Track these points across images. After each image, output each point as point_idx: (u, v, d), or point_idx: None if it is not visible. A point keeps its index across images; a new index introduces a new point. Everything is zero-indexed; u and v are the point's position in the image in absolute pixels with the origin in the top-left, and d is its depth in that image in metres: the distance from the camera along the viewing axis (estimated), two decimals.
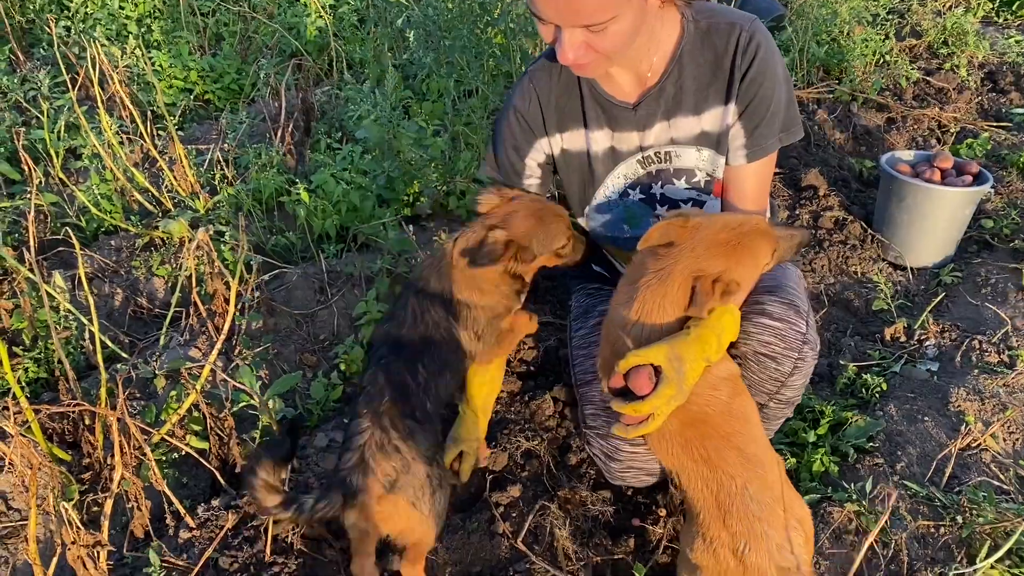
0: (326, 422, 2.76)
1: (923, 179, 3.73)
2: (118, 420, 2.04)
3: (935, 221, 3.71)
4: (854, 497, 2.41)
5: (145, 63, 4.21)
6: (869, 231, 3.96)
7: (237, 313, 2.90)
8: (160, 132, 4.30)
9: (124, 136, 4.03)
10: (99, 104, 3.68)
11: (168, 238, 3.47)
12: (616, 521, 2.47)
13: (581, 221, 2.43)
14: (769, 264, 1.93)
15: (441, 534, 2.17)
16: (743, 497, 1.81)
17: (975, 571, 2.17)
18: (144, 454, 2.22)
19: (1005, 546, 2.19)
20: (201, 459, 2.39)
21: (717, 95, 2.11)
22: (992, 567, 2.21)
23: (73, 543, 1.69)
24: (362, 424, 1.96)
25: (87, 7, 5.58)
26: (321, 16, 5.40)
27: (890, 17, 6.38)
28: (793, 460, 2.62)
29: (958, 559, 2.26)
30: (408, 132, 3.74)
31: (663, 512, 2.46)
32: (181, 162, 3.60)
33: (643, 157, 2.22)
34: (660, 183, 2.25)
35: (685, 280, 1.80)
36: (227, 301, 2.71)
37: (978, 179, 3.75)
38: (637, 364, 1.73)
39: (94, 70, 3.72)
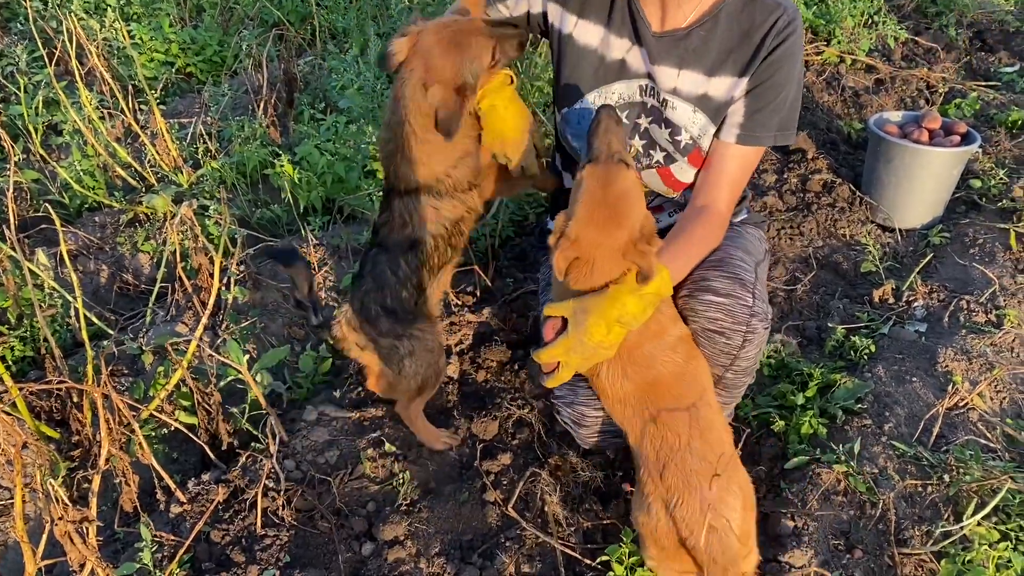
0: (315, 395, 2.75)
1: (911, 140, 3.71)
2: (104, 397, 2.03)
3: (923, 182, 3.70)
4: (842, 458, 2.43)
5: (124, 36, 4.14)
6: (858, 193, 3.95)
7: (223, 288, 2.88)
8: (142, 107, 4.25)
9: (105, 111, 3.98)
10: (78, 79, 3.62)
11: (152, 213, 3.44)
12: (607, 487, 2.48)
13: (561, 115, 2.36)
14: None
15: (424, 390, 2.41)
16: (684, 453, 1.87)
17: (962, 528, 2.19)
18: (132, 430, 2.22)
19: (991, 503, 2.21)
20: (191, 434, 2.39)
21: (735, 64, 2.09)
22: (979, 524, 2.24)
23: (60, 519, 1.69)
24: (345, 300, 2.33)
25: None
26: None
27: None
28: (782, 423, 2.63)
29: (945, 517, 2.28)
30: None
31: None
32: (163, 136, 3.55)
33: (646, 85, 2.18)
34: (650, 119, 2.22)
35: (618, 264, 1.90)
36: (212, 276, 2.69)
37: (966, 139, 3.74)
38: (550, 315, 1.86)
39: (71, 44, 3.66)
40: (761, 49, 2.05)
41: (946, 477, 2.39)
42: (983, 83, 5.28)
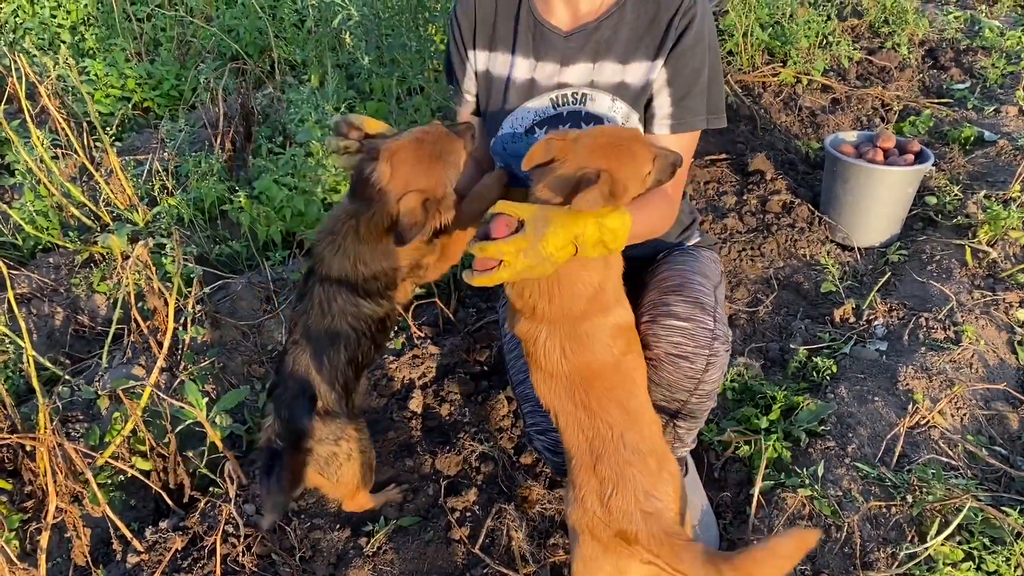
0: None
1: (866, 159, 3.76)
2: (54, 448, 1.98)
3: (879, 200, 3.75)
4: (807, 482, 2.43)
5: (74, 73, 4.10)
6: (816, 213, 3.99)
7: (180, 327, 2.84)
8: (97, 144, 4.19)
9: (58, 150, 3.92)
10: (28, 118, 3.57)
11: (108, 253, 3.39)
12: None
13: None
14: (650, 175, 1.92)
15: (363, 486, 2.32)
16: (617, 444, 1.84)
17: (926, 549, 2.20)
18: (87, 480, 2.16)
19: (954, 523, 2.22)
20: (146, 480, 2.34)
21: (647, 49, 2.10)
22: (942, 544, 2.25)
23: None
24: (268, 409, 2.15)
25: (17, 16, 5.42)
26: (260, 17, 5.30)
27: None
28: (747, 448, 2.63)
29: (909, 538, 2.29)
30: None
31: None
32: (117, 174, 3.50)
33: (557, 96, 2.19)
34: (569, 125, 2.20)
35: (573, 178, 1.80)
36: (167, 317, 2.64)
37: (920, 157, 3.80)
38: (500, 212, 1.75)
39: (21, 83, 3.61)
40: (670, 31, 2.06)
41: (909, 497, 2.40)
42: (936, 100, 5.37)
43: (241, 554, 2.20)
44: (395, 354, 2.94)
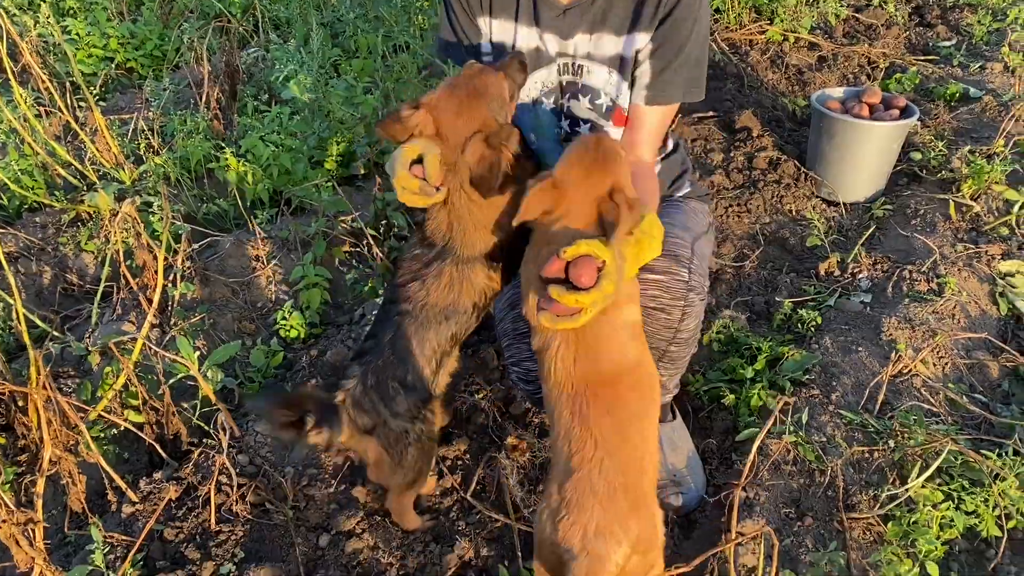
0: (267, 389, 2.73)
1: (852, 115, 3.78)
2: (47, 401, 1.99)
3: (865, 156, 3.77)
4: (792, 429, 2.47)
5: (57, 31, 4.04)
6: (802, 169, 4.01)
7: (170, 284, 2.84)
8: (81, 104, 4.16)
9: (41, 109, 3.89)
10: (11, 76, 3.53)
11: (95, 212, 3.38)
12: None
13: None
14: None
15: (418, 482, 2.19)
16: (593, 468, 1.71)
17: (907, 491, 2.25)
18: (80, 431, 2.18)
19: (934, 465, 2.27)
20: (139, 433, 2.36)
21: (642, 21, 2.09)
22: (923, 486, 2.30)
23: (5, 522, 1.66)
24: (351, 372, 2.04)
25: None
26: None
27: None
28: (732, 397, 2.68)
29: (891, 481, 2.34)
30: (337, 90, 3.66)
31: None
32: (103, 133, 3.48)
33: (562, 64, 2.18)
34: (567, 96, 2.23)
35: (592, 209, 1.76)
36: (156, 273, 2.65)
37: (905, 112, 3.81)
38: (584, 254, 1.65)
39: (2, 42, 3.57)
40: (661, 4, 2.06)
41: (891, 442, 2.45)
42: (922, 58, 5.38)
43: (235, 503, 2.23)
44: None
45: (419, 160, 1.89)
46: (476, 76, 1.98)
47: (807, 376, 2.72)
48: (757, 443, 2.08)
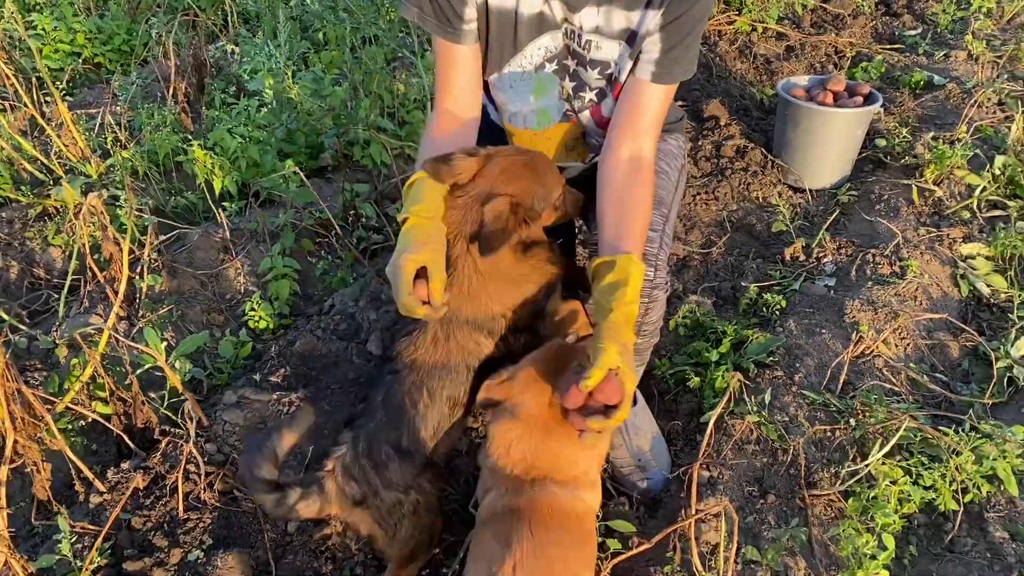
0: (236, 379, 2.74)
1: (816, 102, 3.83)
2: (13, 393, 1.99)
3: (829, 142, 3.82)
4: (755, 409, 2.51)
5: (21, 26, 4.02)
6: (769, 157, 4.06)
7: (137, 277, 2.84)
8: (47, 99, 4.13)
9: (5, 103, 3.86)
10: None
11: (62, 206, 3.36)
12: None
13: (490, 82, 2.23)
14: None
15: (419, 556, 2.07)
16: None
17: (866, 466, 2.30)
18: (47, 424, 2.18)
19: (892, 441, 2.31)
20: (107, 424, 2.36)
21: None
22: (883, 463, 2.34)
23: None
24: (343, 438, 1.94)
25: None
26: None
27: None
28: (697, 379, 2.71)
29: (851, 458, 2.38)
30: (305, 82, 3.67)
31: None
32: (68, 126, 3.46)
33: (568, 30, 2.07)
34: (576, 61, 2.14)
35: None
36: (122, 264, 2.65)
37: (868, 100, 3.87)
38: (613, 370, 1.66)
39: None
40: None
41: (852, 421, 2.49)
42: (888, 46, 5.45)
43: (203, 491, 2.24)
44: (353, 298, 2.97)
45: (421, 273, 1.78)
46: (543, 161, 1.98)
47: (771, 358, 2.76)
48: (713, 420, 2.11)
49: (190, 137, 3.64)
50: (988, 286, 3.25)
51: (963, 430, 2.43)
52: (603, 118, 2.25)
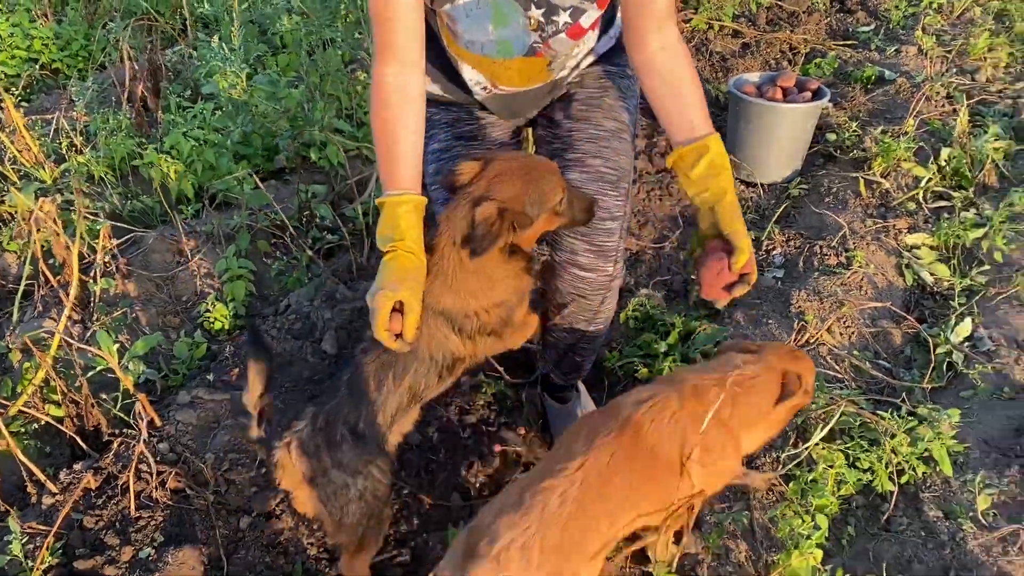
0: (191, 380, 2.76)
1: (766, 98, 3.90)
2: None
3: (779, 137, 3.90)
4: None
5: None
6: None
7: (92, 280, 2.86)
8: (1, 105, 4.12)
9: None
10: None
11: (17, 212, 3.36)
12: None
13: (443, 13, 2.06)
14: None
15: (368, 545, 2.05)
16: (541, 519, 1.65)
17: (805, 450, 2.36)
18: None
19: (828, 425, 2.38)
20: (59, 426, 2.38)
21: None
22: (824, 448, 2.41)
23: None
24: (305, 413, 1.96)
25: None
26: None
27: None
28: (645, 370, 2.77)
29: (792, 443, 2.45)
30: (261, 85, 3.69)
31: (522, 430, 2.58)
32: (20, 131, 3.47)
33: None
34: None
35: None
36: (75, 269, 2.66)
37: (817, 95, 3.94)
38: None
39: None
40: None
41: None
42: (842, 42, 5.54)
43: (155, 489, 2.27)
44: (308, 298, 3.00)
45: (398, 306, 1.81)
46: (543, 166, 1.97)
47: (716, 349, 2.82)
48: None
49: (145, 141, 3.65)
50: (932, 275, 3.33)
51: (900, 414, 2.50)
52: (580, 29, 2.10)
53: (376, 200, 1.94)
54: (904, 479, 2.39)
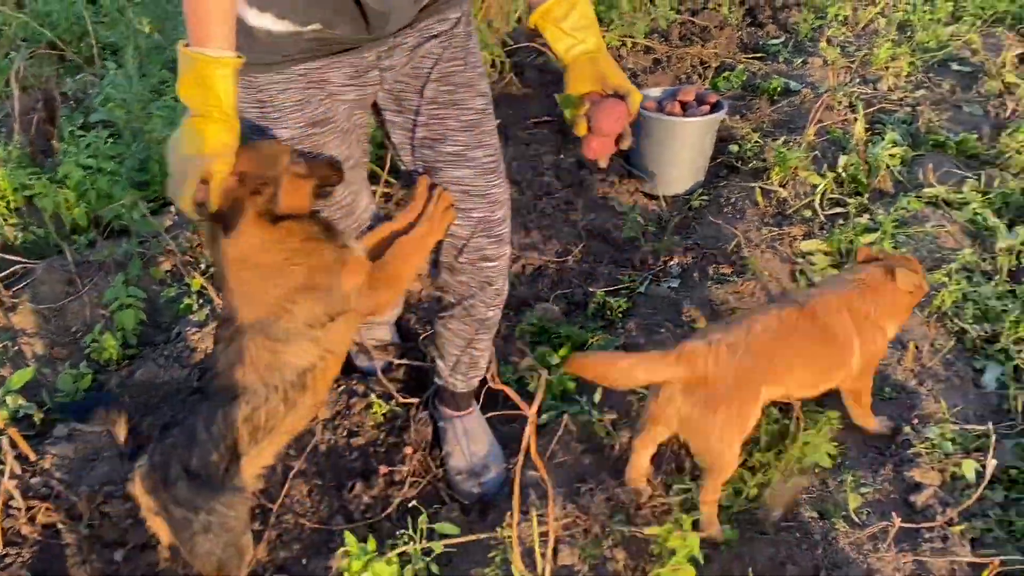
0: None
1: (665, 113, 3.97)
2: None
3: (679, 150, 3.97)
4: (586, 408, 2.60)
5: None
6: (626, 167, 4.19)
7: None
8: None
9: None
10: None
11: None
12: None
13: None
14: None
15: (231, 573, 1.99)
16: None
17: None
18: None
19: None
20: None
21: None
22: None
23: None
24: (145, 452, 1.92)
25: None
26: (75, 1, 5.15)
27: None
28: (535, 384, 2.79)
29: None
30: (158, 112, 3.66)
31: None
32: None
33: None
34: None
35: None
36: None
37: (715, 108, 4.03)
38: None
39: None
40: None
41: None
42: (752, 55, 5.67)
43: (24, 525, 2.22)
44: (198, 325, 2.97)
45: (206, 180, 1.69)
46: (262, 142, 1.90)
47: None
48: (532, 419, 2.14)
49: (39, 171, 3.60)
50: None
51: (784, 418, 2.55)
52: None
53: (180, 46, 1.71)
54: None
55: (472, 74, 2.15)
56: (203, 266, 3.20)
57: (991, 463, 2.37)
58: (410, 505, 2.36)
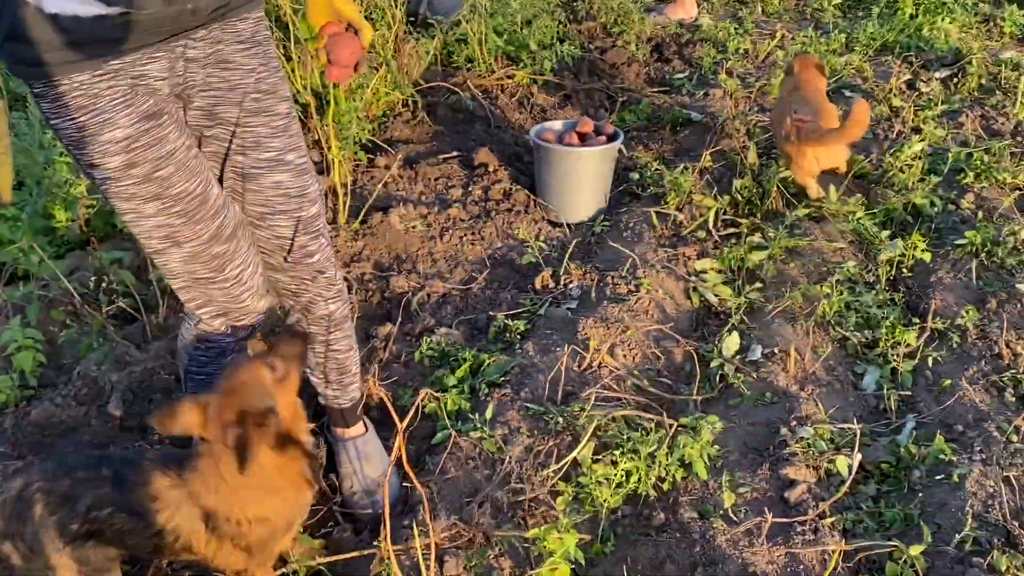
0: None
1: (563, 144, 4.13)
2: None
3: (578, 179, 4.12)
4: (478, 426, 2.67)
5: None
6: (532, 197, 4.33)
7: None
8: None
9: None
10: None
11: None
12: None
13: None
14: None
15: None
16: None
17: (562, 467, 2.49)
18: None
19: (588, 432, 2.52)
20: None
21: None
22: (593, 461, 2.55)
23: None
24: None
25: None
26: None
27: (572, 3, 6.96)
28: (432, 404, 2.85)
29: (555, 457, 2.57)
30: (61, 157, 3.69)
31: None
32: None
33: None
34: None
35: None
36: None
37: (612, 138, 4.20)
38: None
39: None
40: None
41: (561, 421, 2.69)
42: (658, 89, 5.89)
43: None
44: (98, 363, 2.99)
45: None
46: (232, 374, 1.95)
47: (504, 378, 2.95)
48: (401, 433, 2.20)
49: None
50: (716, 296, 3.55)
51: (664, 426, 2.66)
52: None
53: None
54: (666, 485, 2.54)
55: (275, 79, 2.18)
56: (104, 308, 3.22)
57: (857, 457, 2.52)
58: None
